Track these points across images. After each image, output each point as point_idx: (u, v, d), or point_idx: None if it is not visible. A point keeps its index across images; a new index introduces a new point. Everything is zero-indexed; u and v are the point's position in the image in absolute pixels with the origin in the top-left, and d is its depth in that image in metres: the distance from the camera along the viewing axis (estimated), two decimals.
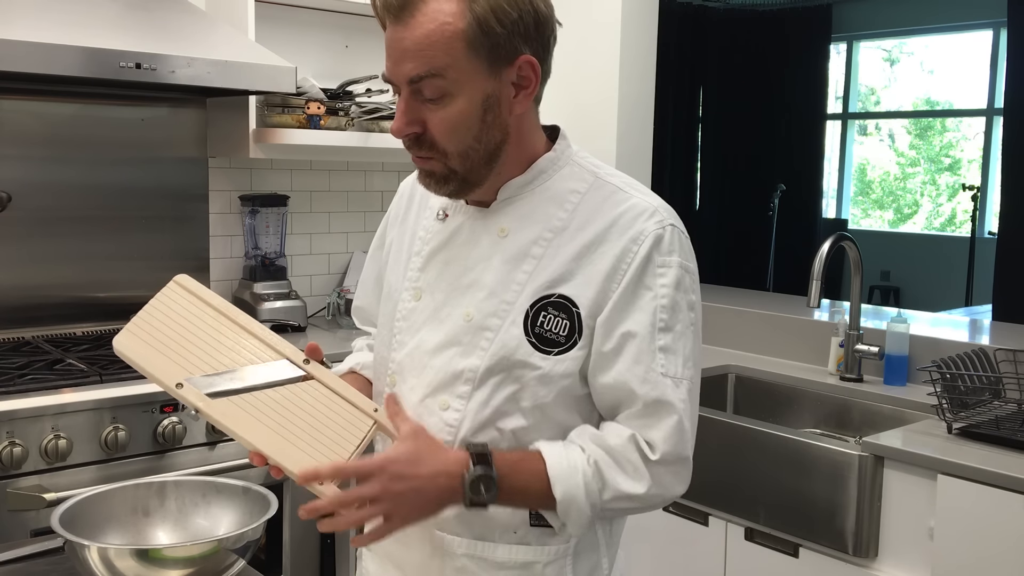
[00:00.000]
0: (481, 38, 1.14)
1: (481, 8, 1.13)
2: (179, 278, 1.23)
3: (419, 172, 1.24)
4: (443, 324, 1.25)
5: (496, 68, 1.16)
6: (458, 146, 1.18)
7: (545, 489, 1.18)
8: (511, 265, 1.23)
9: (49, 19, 2.19)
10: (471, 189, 1.23)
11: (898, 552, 2.12)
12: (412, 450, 1.15)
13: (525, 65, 1.18)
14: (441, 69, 1.14)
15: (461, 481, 1.15)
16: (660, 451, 1.18)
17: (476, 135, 1.18)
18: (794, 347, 2.91)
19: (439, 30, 1.13)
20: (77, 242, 2.65)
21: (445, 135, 1.17)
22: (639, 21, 3.13)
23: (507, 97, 1.19)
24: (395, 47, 1.16)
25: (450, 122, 1.17)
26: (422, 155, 1.20)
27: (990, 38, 7.30)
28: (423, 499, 1.14)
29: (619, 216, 1.22)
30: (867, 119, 8.47)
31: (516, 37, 1.16)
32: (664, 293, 1.20)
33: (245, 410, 1.16)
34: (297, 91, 2.60)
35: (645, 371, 1.18)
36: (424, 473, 1.14)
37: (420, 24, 1.13)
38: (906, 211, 8.42)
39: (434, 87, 1.15)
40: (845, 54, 8.17)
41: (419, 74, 1.14)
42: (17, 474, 1.97)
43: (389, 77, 1.18)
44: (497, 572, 1.24)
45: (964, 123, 7.96)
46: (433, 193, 1.26)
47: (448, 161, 1.19)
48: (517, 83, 1.19)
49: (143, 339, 1.17)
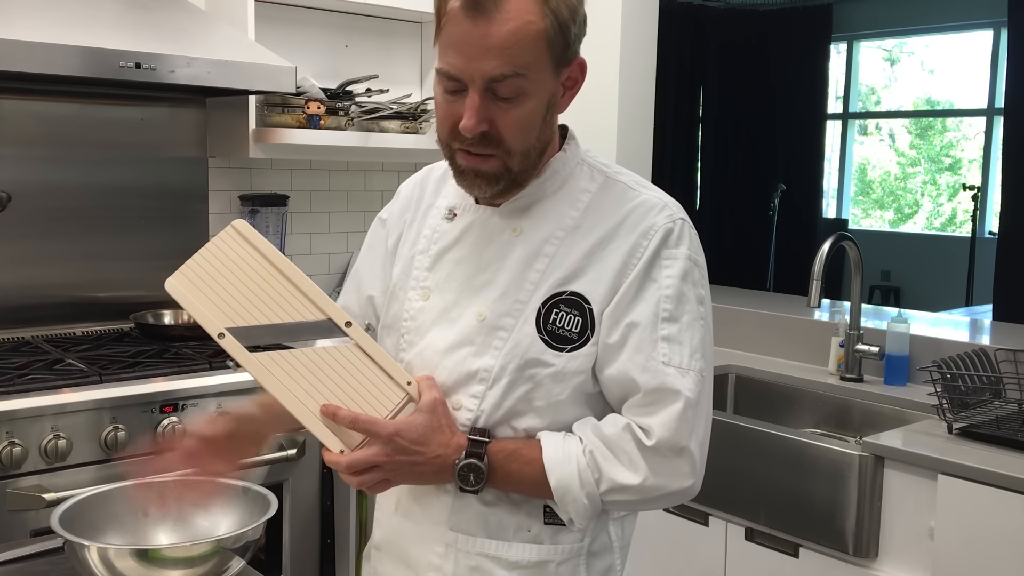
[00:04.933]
0: (558, 38, 1.14)
1: (556, 6, 1.13)
2: (236, 223, 1.24)
3: (463, 172, 1.21)
4: (455, 324, 1.25)
5: (559, 68, 1.17)
6: (523, 144, 1.18)
7: (541, 477, 1.19)
8: (524, 264, 1.23)
9: (49, 19, 2.18)
10: (517, 189, 1.24)
11: (898, 552, 2.12)
12: (424, 425, 1.19)
13: (577, 67, 1.20)
14: (524, 68, 1.13)
15: (453, 468, 1.19)
16: (656, 436, 1.17)
17: (539, 134, 1.20)
18: (794, 347, 2.91)
19: (525, 28, 1.11)
20: (77, 242, 2.65)
21: (515, 134, 1.17)
22: (639, 21, 3.13)
23: (559, 97, 1.20)
24: (475, 43, 1.11)
25: (522, 121, 1.16)
26: (485, 152, 1.18)
27: (990, 38, 7.30)
28: (419, 474, 1.21)
29: (629, 212, 1.23)
30: (867, 119, 8.46)
31: (579, 38, 1.18)
32: (669, 284, 1.21)
33: (282, 367, 1.20)
34: (297, 91, 2.60)
35: (646, 360, 1.18)
36: (426, 452, 1.19)
37: (506, 20, 1.10)
38: (906, 211, 8.41)
39: (513, 87, 1.13)
40: (845, 54, 8.16)
41: (503, 73, 1.12)
42: (17, 474, 1.97)
43: (458, 74, 1.14)
44: (511, 571, 1.25)
45: (964, 123, 7.96)
46: (476, 194, 1.25)
47: (509, 160, 1.19)
48: (566, 83, 1.20)
49: (194, 282, 1.21)
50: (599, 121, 3.09)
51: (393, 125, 2.86)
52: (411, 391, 1.22)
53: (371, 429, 1.17)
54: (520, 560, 1.24)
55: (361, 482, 1.19)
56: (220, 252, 1.23)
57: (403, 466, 1.19)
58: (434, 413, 1.20)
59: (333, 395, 1.20)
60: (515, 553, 1.24)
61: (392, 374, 1.22)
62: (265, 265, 1.23)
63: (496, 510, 1.24)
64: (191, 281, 1.21)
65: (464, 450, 1.20)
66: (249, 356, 1.19)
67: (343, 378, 1.21)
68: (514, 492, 1.23)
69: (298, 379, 1.20)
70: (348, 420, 1.17)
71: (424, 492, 1.27)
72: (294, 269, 1.23)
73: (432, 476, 1.21)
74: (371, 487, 1.21)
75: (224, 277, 1.22)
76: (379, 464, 1.18)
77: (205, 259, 1.22)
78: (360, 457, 1.17)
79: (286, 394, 1.19)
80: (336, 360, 1.21)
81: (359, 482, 1.19)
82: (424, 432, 1.18)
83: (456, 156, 1.21)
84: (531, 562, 1.24)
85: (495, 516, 1.24)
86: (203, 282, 1.21)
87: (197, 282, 1.21)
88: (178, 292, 1.21)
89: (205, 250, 1.23)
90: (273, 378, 1.19)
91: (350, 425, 1.17)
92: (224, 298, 1.21)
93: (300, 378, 1.20)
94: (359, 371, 1.21)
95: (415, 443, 1.18)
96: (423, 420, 1.19)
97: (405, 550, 1.31)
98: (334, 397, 1.20)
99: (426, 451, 1.18)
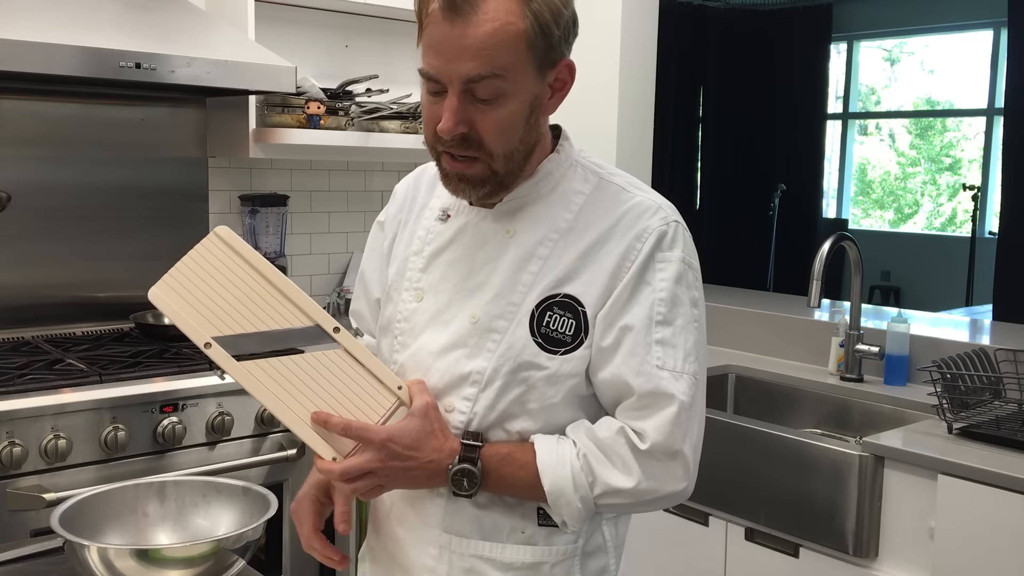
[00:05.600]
0: (539, 40, 1.13)
1: (538, 8, 1.12)
2: (219, 230, 1.22)
3: (448, 175, 1.21)
4: (448, 326, 1.25)
5: (544, 70, 1.16)
6: (505, 147, 1.17)
7: (534, 481, 1.19)
8: (517, 266, 1.23)
9: (49, 19, 2.18)
10: (504, 191, 1.23)
11: (898, 552, 2.12)
12: (416, 430, 1.18)
13: (564, 68, 1.19)
14: (502, 70, 1.12)
15: (447, 472, 1.19)
16: (650, 440, 1.17)
17: (521, 137, 1.18)
18: (794, 347, 2.91)
19: (503, 29, 1.10)
20: (77, 242, 2.65)
21: (495, 136, 1.16)
22: (639, 21, 3.13)
23: (545, 99, 1.19)
24: (452, 44, 1.11)
25: (501, 123, 1.15)
26: (466, 155, 1.17)
27: (990, 38, 7.30)
28: (413, 479, 1.20)
29: (623, 214, 1.23)
30: (867, 119, 8.47)
31: (564, 40, 1.17)
32: (663, 287, 1.20)
33: (270, 375, 1.18)
34: (297, 91, 2.60)
35: (640, 363, 1.18)
36: (420, 457, 1.18)
37: (483, 22, 1.10)
38: (906, 211, 8.42)
39: (491, 88, 1.13)
40: (845, 54, 8.17)
41: (480, 74, 1.11)
42: (17, 474, 1.97)
43: (436, 75, 1.14)
44: (505, 572, 1.24)
45: (964, 123, 7.96)
46: (462, 197, 1.24)
47: (492, 163, 1.18)
48: (553, 85, 1.19)
49: (177, 291, 1.19)
50: (599, 121, 3.09)
51: (393, 125, 2.86)
52: (402, 395, 1.21)
53: (363, 435, 1.17)
54: (514, 561, 1.24)
55: (354, 489, 1.19)
56: (203, 260, 1.21)
57: (396, 472, 1.18)
58: (427, 418, 1.19)
59: (323, 402, 1.19)
60: (509, 554, 1.24)
61: (382, 379, 1.21)
62: (250, 272, 1.21)
63: (490, 512, 1.24)
64: (175, 290, 1.19)
65: (457, 455, 1.19)
66: (237, 365, 1.17)
67: (333, 384, 1.20)
68: (508, 495, 1.23)
69: (287, 387, 1.18)
70: (340, 427, 1.17)
71: (418, 495, 1.27)
72: (279, 275, 1.22)
73: (425, 481, 1.21)
74: (365, 493, 1.21)
75: (208, 285, 1.20)
76: (372, 470, 1.17)
77: (188, 267, 1.20)
78: (353, 464, 1.17)
79: (275, 403, 1.18)
80: (325, 366, 1.20)
81: (352, 489, 1.19)
82: (417, 437, 1.18)
83: (442, 159, 1.20)
84: (525, 563, 1.24)
85: (489, 518, 1.24)
86: (187, 291, 1.19)
87: (181, 291, 1.19)
88: (162, 302, 1.18)
89: (188, 258, 1.21)
90: (262, 387, 1.18)
91: (342, 432, 1.17)
92: (209, 307, 1.19)
93: (289, 386, 1.18)
94: (349, 377, 1.20)
95: (408, 448, 1.17)
96: (416, 425, 1.19)
97: (399, 552, 1.31)
98: (324, 404, 1.18)
99: (419, 456, 1.18)
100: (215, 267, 1.20)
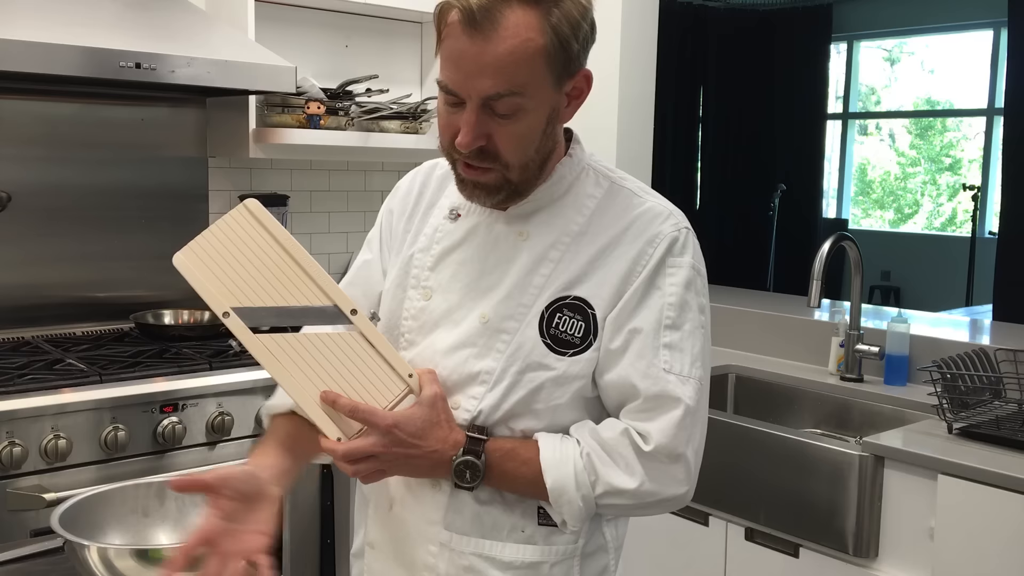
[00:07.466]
0: (558, 54, 1.13)
1: (557, 22, 1.11)
2: (248, 202, 1.24)
3: (463, 181, 1.22)
4: (458, 325, 1.25)
5: (562, 81, 1.17)
6: (522, 159, 1.18)
7: (537, 478, 1.19)
8: (529, 268, 1.23)
9: (49, 19, 2.18)
10: (519, 198, 1.24)
11: (898, 552, 2.12)
12: (423, 419, 1.19)
13: (582, 78, 1.19)
14: (521, 87, 1.12)
15: (450, 463, 1.19)
16: (654, 442, 1.18)
17: (537, 147, 1.19)
18: (794, 347, 2.91)
19: (523, 46, 1.10)
20: (77, 242, 2.65)
21: (512, 149, 1.17)
22: (639, 21, 3.13)
23: (562, 108, 1.20)
24: (471, 60, 1.11)
25: (519, 137, 1.16)
26: (483, 166, 1.18)
27: (990, 38, 7.30)
28: (415, 467, 1.21)
29: (635, 219, 1.24)
30: (867, 119, 8.46)
31: (583, 51, 1.17)
32: (673, 292, 1.21)
33: (284, 350, 1.19)
34: (297, 91, 2.60)
35: (647, 366, 1.19)
36: (424, 446, 1.19)
37: (503, 39, 1.10)
38: (906, 211, 8.41)
39: (510, 104, 1.13)
40: (845, 54, 8.16)
41: (499, 92, 1.12)
42: (17, 474, 1.97)
43: (455, 89, 1.14)
44: (504, 571, 1.25)
45: (964, 123, 7.96)
46: (477, 203, 1.25)
47: (508, 172, 1.19)
48: (570, 94, 1.19)
49: (202, 259, 1.21)
50: (599, 121, 3.09)
51: (393, 125, 2.86)
52: (412, 383, 1.22)
53: (370, 419, 1.18)
54: (514, 560, 1.24)
55: (356, 471, 1.20)
56: (230, 230, 1.22)
57: (399, 458, 1.19)
58: (434, 407, 1.20)
59: (334, 382, 1.20)
60: (509, 553, 1.24)
61: (394, 365, 1.22)
62: (275, 246, 1.22)
63: (490, 510, 1.24)
64: (199, 258, 1.21)
65: (461, 447, 1.20)
66: (253, 337, 1.19)
67: (345, 366, 1.21)
68: (509, 491, 1.23)
69: (300, 364, 1.19)
70: (348, 408, 1.18)
71: (419, 490, 1.27)
72: (303, 253, 1.23)
73: (427, 470, 1.21)
74: (366, 477, 1.21)
75: (233, 256, 1.21)
76: (375, 454, 1.18)
77: (215, 236, 1.22)
78: (356, 446, 1.18)
79: (287, 378, 1.19)
80: (339, 347, 1.21)
81: (354, 471, 1.20)
82: (422, 426, 1.19)
83: (457, 165, 1.21)
84: (525, 563, 1.24)
85: (489, 516, 1.24)
86: (211, 259, 1.21)
87: (205, 259, 1.21)
88: (185, 268, 1.20)
89: (215, 227, 1.22)
90: (275, 361, 1.19)
91: (349, 413, 1.18)
92: (231, 277, 1.20)
93: (302, 363, 1.20)
94: (361, 360, 1.21)
95: (413, 436, 1.18)
96: (422, 414, 1.19)
97: (399, 548, 1.31)
98: (335, 384, 1.20)
99: (423, 445, 1.19)
100: (241, 239, 1.22)
